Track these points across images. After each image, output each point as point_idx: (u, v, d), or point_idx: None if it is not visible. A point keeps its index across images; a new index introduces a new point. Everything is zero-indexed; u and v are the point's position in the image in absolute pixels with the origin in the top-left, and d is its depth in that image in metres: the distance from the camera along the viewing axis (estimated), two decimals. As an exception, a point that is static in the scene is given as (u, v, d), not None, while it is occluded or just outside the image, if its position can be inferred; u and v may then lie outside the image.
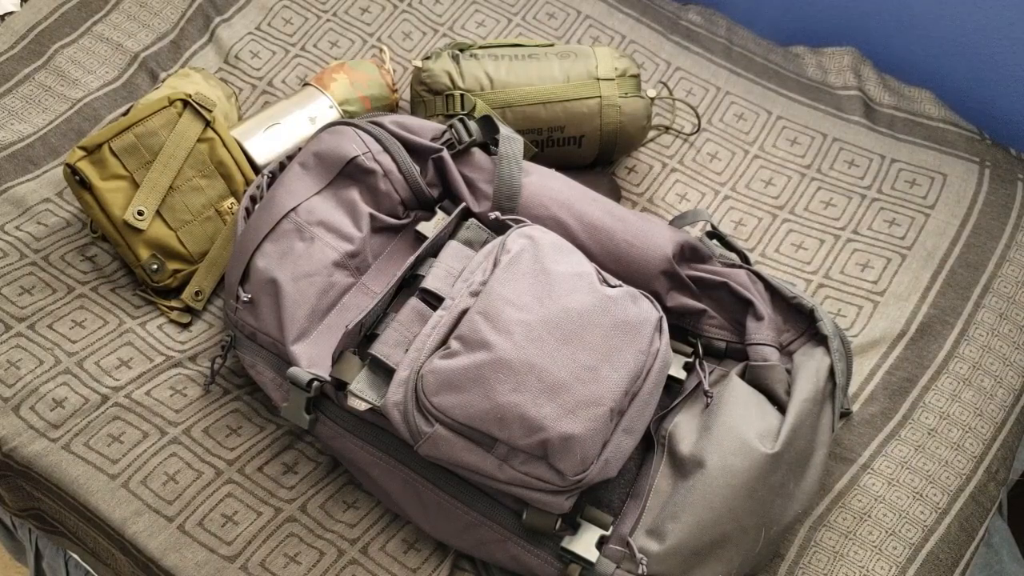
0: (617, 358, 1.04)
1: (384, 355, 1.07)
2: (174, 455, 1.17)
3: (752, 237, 1.41)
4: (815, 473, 1.11)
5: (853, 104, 1.53)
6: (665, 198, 1.45)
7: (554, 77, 1.38)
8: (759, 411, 1.10)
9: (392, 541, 1.13)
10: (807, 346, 1.17)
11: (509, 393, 1.00)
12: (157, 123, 1.28)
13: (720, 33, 1.62)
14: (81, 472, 1.16)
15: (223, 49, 1.55)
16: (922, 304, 1.34)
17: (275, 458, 1.18)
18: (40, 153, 1.42)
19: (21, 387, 1.21)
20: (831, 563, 1.14)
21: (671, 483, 1.08)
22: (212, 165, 1.31)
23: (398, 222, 1.24)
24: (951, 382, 1.28)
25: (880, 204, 1.43)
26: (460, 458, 1.02)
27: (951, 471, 1.21)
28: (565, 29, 1.61)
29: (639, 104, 1.39)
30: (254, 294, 1.16)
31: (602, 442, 1.02)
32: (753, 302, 1.19)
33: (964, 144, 1.49)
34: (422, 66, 1.38)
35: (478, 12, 1.62)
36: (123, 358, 1.25)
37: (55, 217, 1.36)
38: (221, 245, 1.31)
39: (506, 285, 1.07)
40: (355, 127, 1.24)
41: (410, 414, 1.02)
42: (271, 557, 1.11)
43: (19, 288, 1.29)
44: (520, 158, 1.24)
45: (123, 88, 1.50)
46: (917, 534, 1.17)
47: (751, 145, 1.50)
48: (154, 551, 1.11)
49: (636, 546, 1.04)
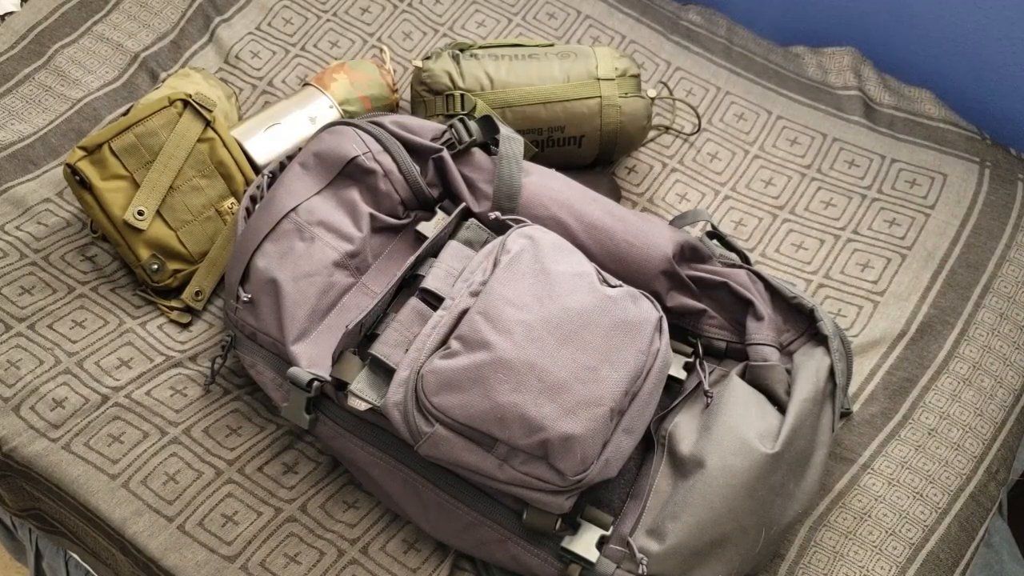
0: (617, 358, 1.04)
1: (384, 355, 1.07)
2: (174, 455, 1.17)
3: (752, 237, 1.41)
4: (815, 473, 1.11)
5: (853, 104, 1.53)
6: (665, 198, 1.45)
7: (554, 77, 1.38)
8: (759, 411, 1.10)
9: (392, 541, 1.13)
10: (807, 346, 1.17)
11: (509, 393, 1.00)
12: (157, 123, 1.28)
13: (720, 33, 1.62)
14: (81, 472, 1.16)
15: (223, 49, 1.55)
16: (922, 304, 1.34)
17: (275, 458, 1.18)
18: (40, 153, 1.42)
19: (21, 387, 1.21)
20: (831, 563, 1.14)
21: (671, 483, 1.08)
22: (212, 165, 1.31)
23: (398, 222, 1.24)
24: (951, 382, 1.28)
25: (880, 204, 1.43)
26: (460, 458, 1.02)
27: (951, 471, 1.21)
28: (565, 29, 1.61)
29: (639, 104, 1.39)
30: (254, 294, 1.16)
31: (602, 442, 1.02)
32: (753, 302, 1.19)
33: (964, 144, 1.49)
34: (422, 66, 1.38)
35: (478, 12, 1.62)
36: (123, 358, 1.25)
37: (55, 217, 1.36)
38: (221, 245, 1.31)
39: (506, 285, 1.07)
40: (355, 127, 1.24)
41: (410, 414, 1.02)
42: (271, 557, 1.11)
43: (19, 288, 1.29)
44: (520, 158, 1.24)
45: (123, 88, 1.50)
46: (917, 534, 1.17)
47: (751, 145, 1.50)
48: (154, 551, 1.11)
49: (636, 546, 1.04)
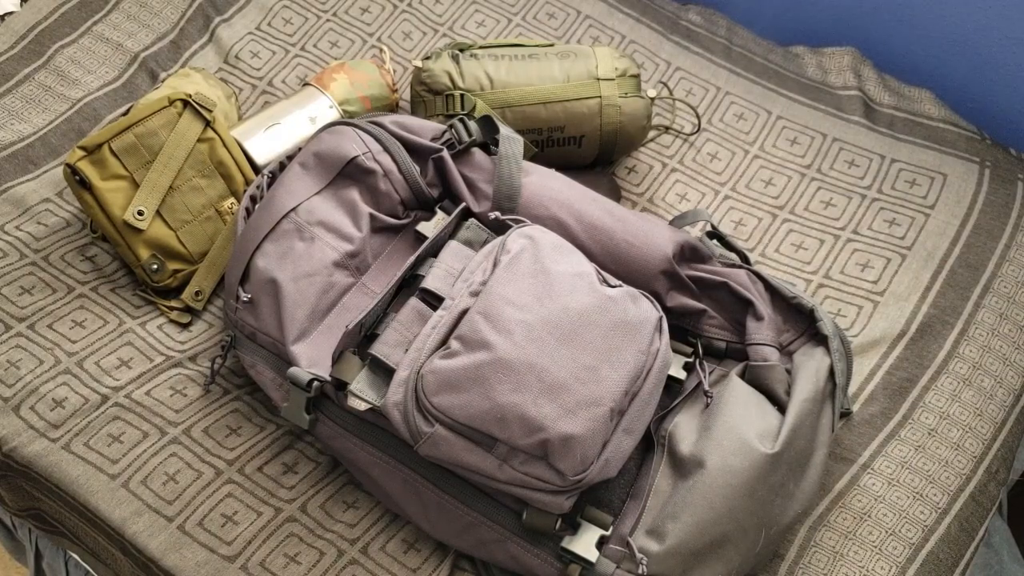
0: (617, 358, 1.04)
1: (384, 355, 1.07)
2: (174, 455, 1.17)
3: (752, 237, 1.41)
4: (815, 473, 1.11)
5: (853, 104, 1.53)
6: (665, 198, 1.45)
7: (554, 77, 1.38)
8: (759, 411, 1.10)
9: (392, 541, 1.13)
10: (807, 346, 1.17)
11: (509, 393, 1.00)
12: (157, 123, 1.28)
13: (720, 33, 1.62)
14: (81, 472, 1.16)
15: (223, 49, 1.55)
16: (922, 304, 1.34)
17: (275, 458, 1.18)
18: (40, 153, 1.42)
19: (21, 387, 1.21)
20: (831, 563, 1.14)
21: (671, 483, 1.08)
22: (212, 165, 1.31)
23: (398, 222, 1.24)
24: (951, 382, 1.28)
25: (880, 204, 1.43)
26: (460, 458, 1.02)
27: (951, 471, 1.21)
28: (565, 29, 1.61)
29: (639, 104, 1.39)
30: (254, 294, 1.16)
31: (602, 442, 1.02)
32: (753, 302, 1.19)
33: (964, 144, 1.49)
34: (422, 66, 1.38)
35: (478, 12, 1.62)
36: (123, 358, 1.25)
37: (55, 217, 1.36)
38: (221, 245, 1.31)
39: (506, 285, 1.07)
40: (355, 127, 1.24)
41: (410, 414, 1.02)
42: (271, 557, 1.11)
43: (19, 288, 1.29)
44: (520, 158, 1.24)
45: (123, 88, 1.50)
46: (917, 534, 1.17)
47: (751, 145, 1.50)
48: (154, 551, 1.11)
49: (636, 546, 1.04)
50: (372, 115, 1.28)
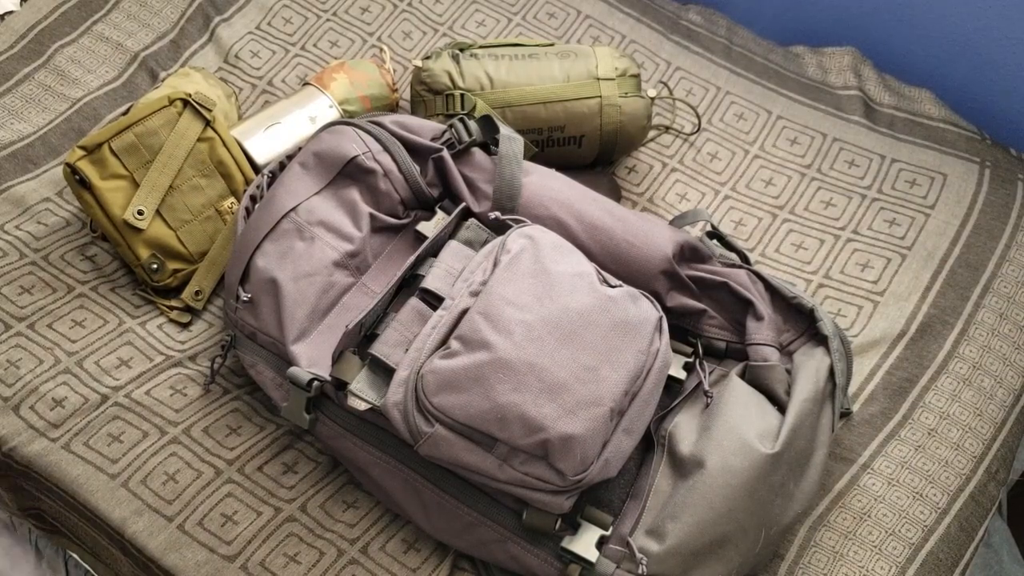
0: (617, 358, 1.04)
1: (384, 355, 1.07)
2: (174, 455, 1.17)
3: (752, 237, 1.41)
4: (815, 473, 1.11)
5: (853, 104, 1.53)
6: (665, 198, 1.45)
7: (554, 77, 1.37)
8: (759, 411, 1.10)
9: (392, 541, 1.13)
10: (807, 346, 1.17)
11: (509, 393, 1.00)
12: (157, 122, 1.28)
13: (720, 33, 1.62)
14: (81, 472, 1.16)
15: (223, 49, 1.55)
16: (922, 304, 1.34)
17: (275, 458, 1.18)
18: (40, 152, 1.42)
19: (21, 387, 1.21)
20: (831, 563, 1.14)
21: (671, 483, 1.08)
22: (212, 165, 1.31)
23: (398, 222, 1.24)
24: (951, 382, 1.28)
25: (880, 204, 1.43)
26: (460, 458, 1.02)
27: (951, 471, 1.21)
28: (565, 29, 1.61)
29: (639, 104, 1.39)
30: (254, 294, 1.15)
31: (602, 442, 1.02)
32: (753, 302, 1.19)
33: (964, 144, 1.49)
34: (422, 66, 1.38)
35: (478, 12, 1.62)
36: (123, 357, 1.25)
37: (55, 217, 1.36)
38: (221, 245, 1.31)
39: (506, 285, 1.07)
40: (355, 127, 1.24)
41: (410, 414, 1.02)
42: (271, 557, 1.11)
43: (19, 288, 1.29)
44: (520, 158, 1.24)
45: (123, 88, 1.50)
46: (917, 534, 1.17)
47: (751, 145, 1.50)
48: (154, 551, 1.11)
49: (636, 546, 1.04)
50: (372, 115, 1.28)
